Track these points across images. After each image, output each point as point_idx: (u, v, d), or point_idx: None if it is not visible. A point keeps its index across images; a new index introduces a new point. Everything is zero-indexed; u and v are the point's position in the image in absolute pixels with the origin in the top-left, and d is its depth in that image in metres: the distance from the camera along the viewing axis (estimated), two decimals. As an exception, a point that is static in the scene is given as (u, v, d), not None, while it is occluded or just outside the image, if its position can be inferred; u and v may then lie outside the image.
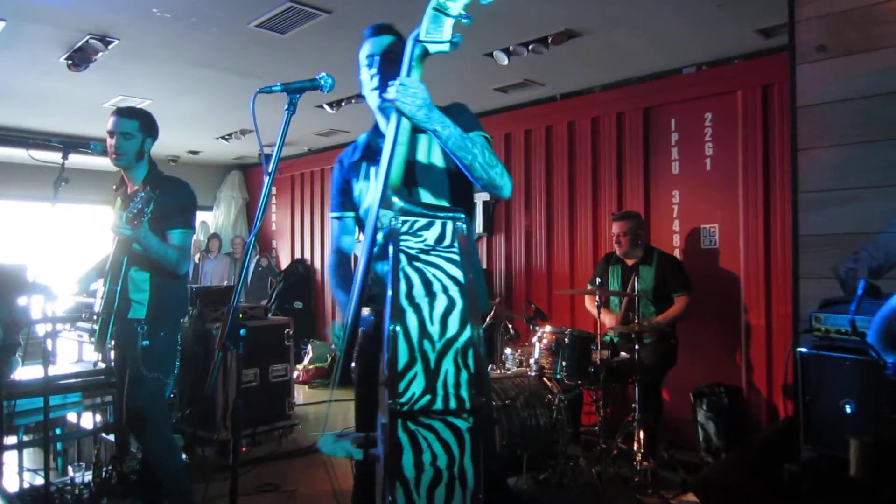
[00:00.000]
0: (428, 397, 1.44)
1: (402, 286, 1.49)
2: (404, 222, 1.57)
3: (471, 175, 1.80)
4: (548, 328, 3.94)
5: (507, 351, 4.40)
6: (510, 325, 4.66)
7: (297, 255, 8.85)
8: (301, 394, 6.58)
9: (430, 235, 1.57)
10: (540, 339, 3.90)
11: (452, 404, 1.46)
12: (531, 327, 4.18)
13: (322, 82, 1.96)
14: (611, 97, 5.39)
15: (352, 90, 5.59)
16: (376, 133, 2.11)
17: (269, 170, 1.89)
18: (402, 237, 1.56)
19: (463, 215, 1.62)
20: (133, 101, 5.68)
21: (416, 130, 1.88)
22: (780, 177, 4.38)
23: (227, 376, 4.46)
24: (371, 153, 2.05)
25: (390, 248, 1.55)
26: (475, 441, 1.47)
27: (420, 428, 1.45)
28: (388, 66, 1.93)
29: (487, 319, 4.75)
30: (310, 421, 5.57)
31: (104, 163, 2.96)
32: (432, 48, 1.65)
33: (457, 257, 1.55)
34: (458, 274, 1.53)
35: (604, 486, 3.60)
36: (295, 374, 6.33)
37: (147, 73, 5.06)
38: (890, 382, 1.93)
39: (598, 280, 4.37)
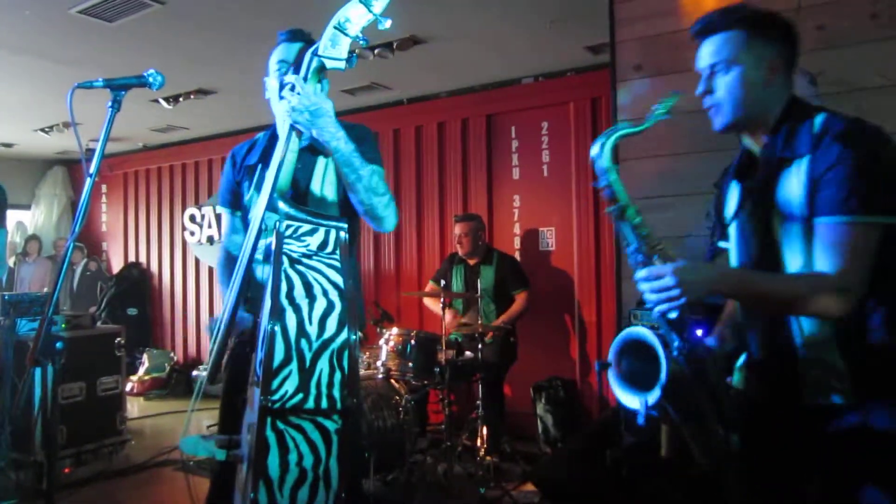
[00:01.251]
0: (300, 396, 1.46)
1: (283, 286, 1.51)
2: (289, 226, 1.59)
3: (353, 196, 1.81)
4: (395, 330, 3.99)
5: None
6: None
7: (132, 259, 8.24)
8: (136, 407, 6.14)
9: (314, 241, 1.61)
10: (387, 342, 3.94)
11: (324, 404, 1.48)
12: (378, 330, 4.21)
13: (150, 80, 1.84)
14: (456, 103, 5.56)
15: (189, 85, 5.31)
16: (274, 136, 2.05)
17: (91, 170, 1.76)
18: (286, 240, 1.57)
19: (346, 225, 1.66)
20: (-71, 85, 5.02)
21: (314, 152, 1.89)
22: (608, 184, 4.74)
23: (48, 392, 4.06)
24: (267, 159, 1.98)
25: (272, 251, 1.56)
26: (342, 442, 1.50)
27: (288, 427, 1.46)
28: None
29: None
30: (145, 435, 5.22)
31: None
32: (329, 63, 1.68)
33: (338, 264, 1.60)
34: (339, 279, 1.57)
35: (449, 483, 3.70)
36: (128, 387, 5.92)
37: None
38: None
39: (443, 281, 4.48)
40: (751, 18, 1.46)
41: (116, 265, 8.36)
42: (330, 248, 1.62)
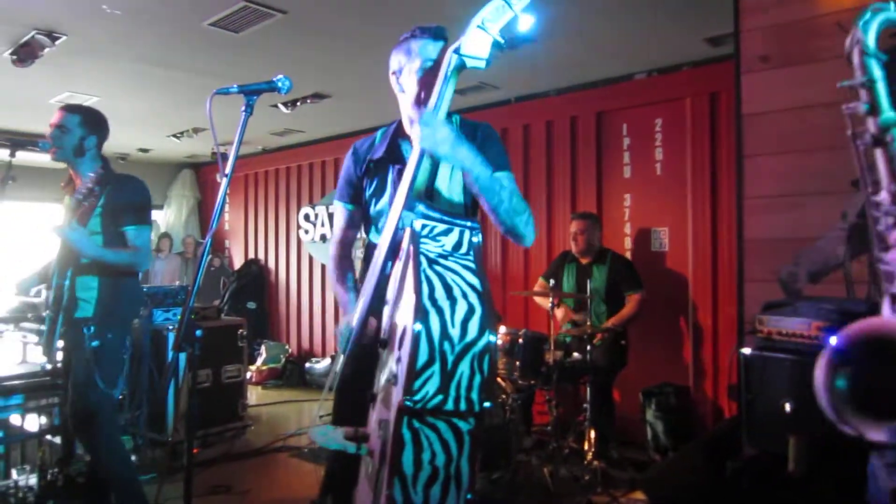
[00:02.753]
0: (440, 397, 1.47)
1: (425, 287, 1.51)
2: (424, 226, 1.59)
3: (494, 218, 1.79)
4: (502, 329, 3.98)
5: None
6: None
7: (251, 256, 8.73)
8: (254, 395, 6.50)
9: (449, 242, 1.59)
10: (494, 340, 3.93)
11: (462, 406, 1.49)
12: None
13: (279, 84, 1.95)
14: (565, 101, 5.48)
15: (307, 90, 5.55)
16: (398, 133, 2.03)
17: (227, 171, 1.88)
18: (422, 240, 1.57)
19: (479, 225, 1.64)
20: (80, 97, 5.52)
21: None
22: (727, 182, 4.52)
23: (180, 377, 4.38)
24: (393, 156, 1.99)
25: (409, 250, 1.57)
26: (474, 443, 1.51)
27: (423, 426, 1.48)
28: (433, 75, 1.82)
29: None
30: (263, 422, 5.51)
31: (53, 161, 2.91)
32: (470, 63, 1.65)
33: (473, 265, 1.57)
34: (476, 281, 1.55)
35: (555, 486, 3.65)
36: (248, 375, 6.27)
37: (95, 69, 4.93)
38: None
39: (552, 280, 4.43)
40: None
41: (237, 261, 8.88)
42: (464, 249, 1.60)
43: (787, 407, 2.15)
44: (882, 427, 0.95)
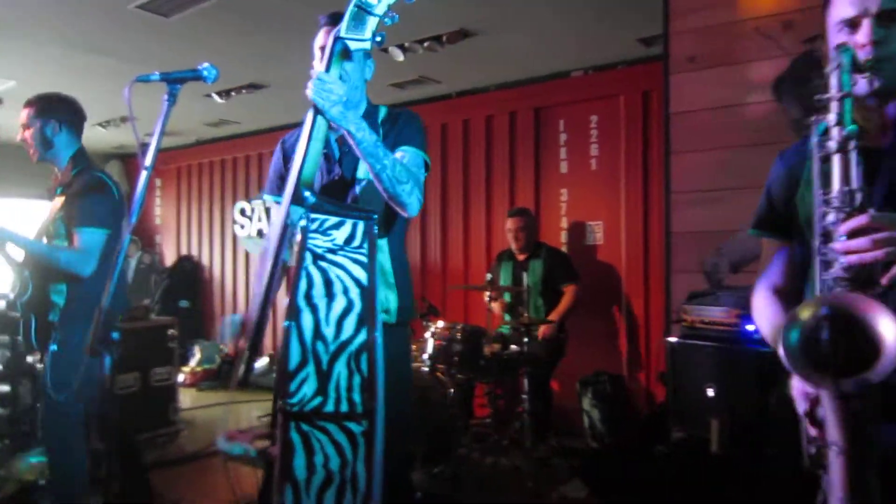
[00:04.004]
0: (319, 399, 1.43)
1: (303, 285, 1.47)
2: (314, 220, 1.53)
3: (378, 185, 1.79)
4: (440, 324, 4.01)
5: (402, 346, 4.42)
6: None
7: (184, 252, 8.48)
8: (188, 398, 6.32)
9: (340, 235, 1.54)
10: (433, 335, 3.96)
11: (344, 407, 1.45)
12: (424, 323, 4.24)
13: (205, 73, 1.86)
14: (504, 97, 5.54)
15: (242, 80, 5.43)
16: None
17: (147, 163, 1.80)
18: (311, 235, 1.52)
19: (375, 216, 1.60)
20: (-5, 80, 5.24)
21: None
22: (658, 177, 4.67)
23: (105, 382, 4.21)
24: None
25: (295, 247, 1.52)
26: (369, 445, 1.46)
27: (313, 429, 1.43)
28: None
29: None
30: (197, 426, 5.36)
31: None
32: (353, 45, 1.63)
33: (364, 259, 1.53)
34: (363, 276, 1.51)
35: (496, 477, 3.70)
36: (181, 378, 6.08)
37: (11, 51, 4.66)
38: (744, 368, 2.12)
39: (489, 275, 4.48)
40: None
41: (170, 258, 8.61)
42: (357, 242, 1.55)
43: (710, 391, 2.26)
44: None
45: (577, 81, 5.18)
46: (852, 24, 1.25)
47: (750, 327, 2.29)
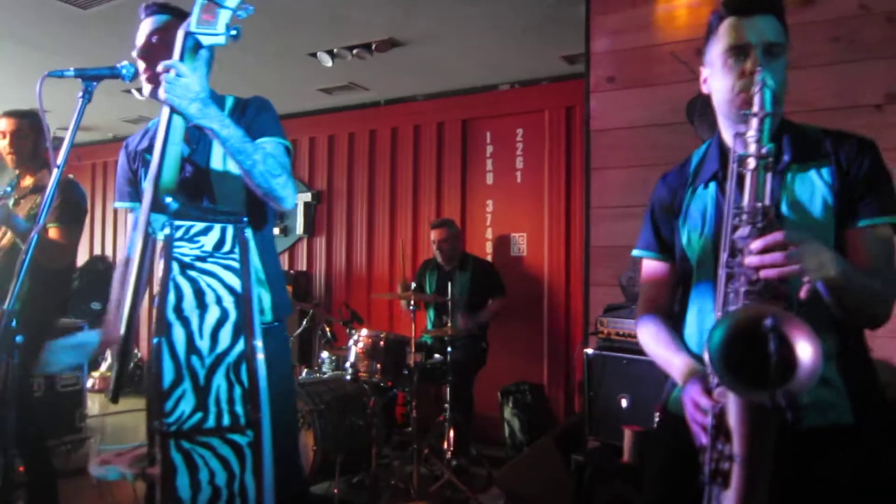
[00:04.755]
0: (199, 415, 1.36)
1: (172, 298, 1.38)
2: (179, 227, 1.44)
3: (250, 182, 1.70)
4: (364, 331, 3.98)
5: (324, 354, 4.37)
6: (328, 329, 4.64)
7: (97, 252, 8.09)
8: (97, 404, 6.03)
9: (209, 241, 1.45)
10: (356, 343, 3.93)
11: (226, 421, 1.38)
12: (348, 331, 4.20)
13: (123, 71, 1.80)
14: (432, 107, 5.58)
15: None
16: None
17: (59, 160, 1.72)
18: (178, 243, 1.43)
19: (246, 218, 1.52)
20: None
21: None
22: (580, 192, 4.80)
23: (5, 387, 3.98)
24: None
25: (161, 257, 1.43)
26: (257, 457, 1.41)
27: (194, 445, 1.36)
28: (165, 52, 1.68)
29: (304, 323, 4.70)
30: (107, 434, 5.13)
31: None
32: (206, 40, 1.54)
33: (236, 264, 1.45)
34: (236, 283, 1.44)
35: (416, 485, 3.70)
36: (90, 383, 5.81)
37: None
38: (654, 380, 2.20)
39: (413, 285, 4.49)
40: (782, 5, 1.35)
41: (80, 258, 8.18)
42: (227, 247, 1.46)
43: (624, 402, 2.34)
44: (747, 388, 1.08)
45: (504, 95, 5.27)
46: (740, 53, 1.32)
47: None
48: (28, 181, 3.02)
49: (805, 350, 1.05)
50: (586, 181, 3.25)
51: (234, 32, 1.54)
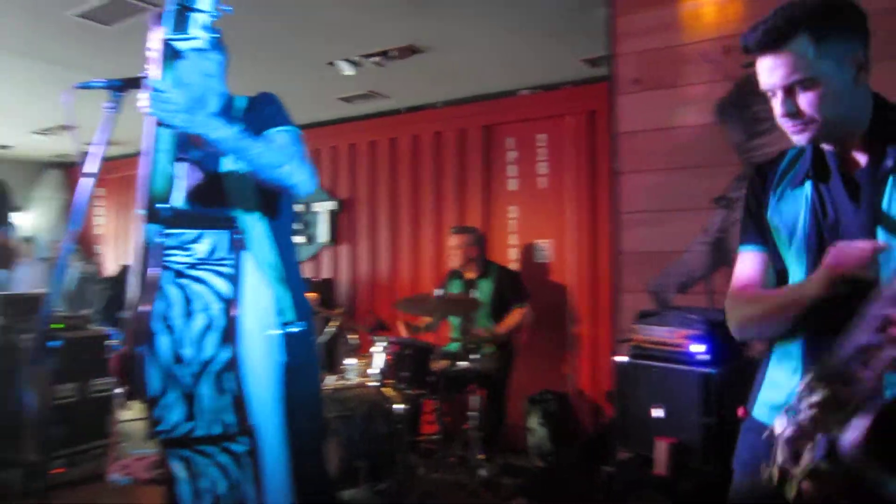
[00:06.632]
0: (190, 424, 1.37)
1: (160, 306, 1.39)
2: (171, 235, 1.45)
3: (256, 176, 1.71)
4: (390, 339, 3.97)
5: (348, 361, 4.36)
6: (353, 335, 4.63)
7: (129, 263, 8.20)
8: (130, 409, 6.08)
9: (201, 248, 1.46)
10: (382, 350, 3.91)
11: (217, 429, 1.38)
12: (373, 338, 4.19)
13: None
14: (453, 113, 5.56)
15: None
16: None
17: (92, 171, 1.75)
18: (171, 251, 1.44)
19: (238, 224, 1.53)
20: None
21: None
22: (605, 197, 4.74)
23: (42, 392, 4.04)
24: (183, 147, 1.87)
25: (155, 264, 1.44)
26: (256, 464, 1.41)
27: (194, 454, 1.38)
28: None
29: (329, 330, 4.70)
30: (138, 437, 5.16)
31: None
32: (182, 46, 1.55)
33: (229, 270, 1.45)
34: (227, 289, 1.43)
35: (441, 494, 3.66)
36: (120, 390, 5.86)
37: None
38: (688, 389, 2.13)
39: (441, 291, 4.45)
40: (822, 14, 1.19)
41: (111, 268, 8.32)
42: (221, 254, 1.46)
43: (654, 412, 2.28)
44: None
45: (525, 100, 5.23)
46: (773, 95, 1.26)
47: (695, 348, 2.32)
48: None
49: None
50: (613, 185, 3.20)
51: (214, 34, 1.55)
